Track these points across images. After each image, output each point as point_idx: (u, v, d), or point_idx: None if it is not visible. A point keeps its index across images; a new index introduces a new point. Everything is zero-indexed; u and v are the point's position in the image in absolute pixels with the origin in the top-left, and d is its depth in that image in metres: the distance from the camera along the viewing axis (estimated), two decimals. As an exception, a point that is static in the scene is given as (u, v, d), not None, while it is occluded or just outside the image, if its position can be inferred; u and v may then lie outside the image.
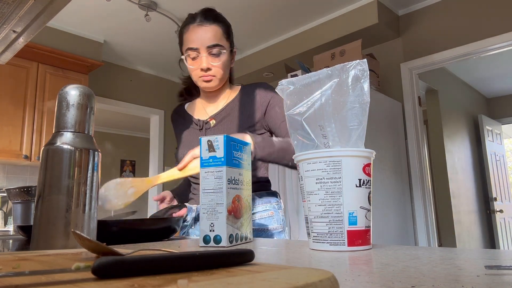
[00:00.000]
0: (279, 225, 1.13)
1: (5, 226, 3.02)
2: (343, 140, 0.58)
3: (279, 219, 1.14)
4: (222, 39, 1.14)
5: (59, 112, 0.62)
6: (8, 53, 1.06)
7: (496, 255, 0.45)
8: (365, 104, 0.57)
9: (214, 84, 1.17)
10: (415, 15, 3.30)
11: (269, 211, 1.13)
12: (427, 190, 3.13)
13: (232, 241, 0.65)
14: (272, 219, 1.13)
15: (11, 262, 0.35)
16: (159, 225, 0.81)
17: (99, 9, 3.29)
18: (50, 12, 0.82)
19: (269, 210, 1.14)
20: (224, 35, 1.15)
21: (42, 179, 0.59)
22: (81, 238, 0.36)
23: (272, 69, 4.03)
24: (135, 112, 4.50)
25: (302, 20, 3.54)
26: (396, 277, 0.33)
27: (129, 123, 6.75)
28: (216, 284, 0.22)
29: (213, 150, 0.67)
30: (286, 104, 0.63)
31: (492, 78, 4.94)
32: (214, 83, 1.17)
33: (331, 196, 0.55)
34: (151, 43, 3.87)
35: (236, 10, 3.33)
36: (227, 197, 0.65)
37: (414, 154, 3.16)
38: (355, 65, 0.58)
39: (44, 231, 0.57)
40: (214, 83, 1.16)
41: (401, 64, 3.29)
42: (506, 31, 2.80)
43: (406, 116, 3.23)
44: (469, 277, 0.31)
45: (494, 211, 4.65)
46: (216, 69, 1.14)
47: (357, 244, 0.54)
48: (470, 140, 4.79)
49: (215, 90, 1.21)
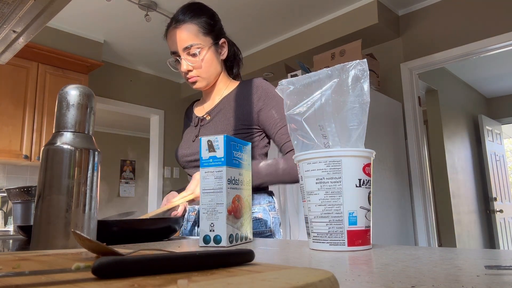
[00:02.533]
0: (267, 228, 1.06)
1: (5, 226, 3.02)
2: (343, 140, 0.58)
3: (268, 223, 1.07)
4: (198, 36, 1.10)
5: (59, 112, 0.62)
6: (8, 53, 1.06)
7: (496, 255, 0.45)
8: (365, 104, 0.57)
9: (202, 84, 1.15)
10: (415, 15, 3.30)
11: (258, 214, 1.07)
12: (427, 190, 3.13)
13: (232, 241, 0.65)
14: (260, 222, 1.06)
15: (11, 262, 0.35)
16: (159, 225, 0.81)
17: (99, 9, 3.29)
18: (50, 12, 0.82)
19: (258, 212, 1.07)
20: (200, 30, 1.10)
21: (42, 179, 0.59)
22: (81, 238, 0.36)
23: (272, 69, 4.03)
24: (135, 112, 4.50)
25: (302, 20, 3.54)
26: (396, 277, 0.33)
27: (129, 123, 6.75)
28: (216, 284, 0.22)
29: (213, 150, 0.67)
30: (286, 104, 0.63)
31: (492, 78, 4.94)
32: (201, 83, 1.15)
33: (331, 196, 0.55)
34: (151, 43, 3.87)
35: (236, 10, 3.33)
36: (227, 197, 0.65)
37: (414, 154, 3.16)
38: (355, 65, 0.58)
39: (44, 231, 0.57)
40: (201, 83, 1.15)
41: (401, 64, 3.29)
42: (506, 31, 2.80)
43: (406, 116, 3.23)
44: (469, 277, 0.31)
45: (494, 211, 4.65)
46: (197, 69, 1.12)
47: (357, 244, 0.54)
48: (470, 140, 4.79)
49: (210, 86, 1.19)
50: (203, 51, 1.11)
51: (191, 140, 1.18)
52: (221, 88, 1.20)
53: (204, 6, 1.16)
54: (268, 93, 1.11)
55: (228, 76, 1.24)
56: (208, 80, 1.15)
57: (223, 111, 1.14)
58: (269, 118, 1.09)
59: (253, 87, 1.13)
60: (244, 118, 1.10)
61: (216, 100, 1.19)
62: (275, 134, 1.09)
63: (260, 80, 1.14)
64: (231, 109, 1.13)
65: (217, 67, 1.16)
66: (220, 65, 1.18)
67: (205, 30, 1.11)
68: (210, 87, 1.20)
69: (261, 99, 1.10)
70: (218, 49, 1.16)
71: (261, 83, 1.13)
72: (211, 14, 1.15)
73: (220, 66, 1.17)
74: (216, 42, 1.14)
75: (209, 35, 1.12)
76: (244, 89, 1.14)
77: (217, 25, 1.15)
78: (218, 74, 1.18)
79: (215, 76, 1.17)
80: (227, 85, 1.20)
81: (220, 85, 1.20)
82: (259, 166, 1.05)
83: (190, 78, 1.14)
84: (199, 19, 1.11)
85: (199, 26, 1.10)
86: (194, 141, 1.17)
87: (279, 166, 1.04)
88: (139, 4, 3.17)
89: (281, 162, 1.05)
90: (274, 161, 1.05)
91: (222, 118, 1.13)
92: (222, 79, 1.21)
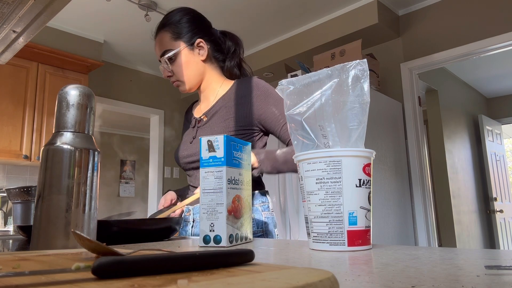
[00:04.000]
0: (258, 229, 1.05)
1: (5, 226, 3.02)
2: (343, 140, 0.58)
3: (260, 223, 1.06)
4: (170, 42, 1.13)
5: (59, 112, 0.62)
6: (8, 53, 1.06)
7: (496, 255, 0.45)
8: (365, 104, 0.57)
9: (184, 87, 1.17)
10: (415, 15, 3.30)
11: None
12: (427, 190, 3.13)
13: (232, 241, 0.65)
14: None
15: (11, 262, 0.35)
16: (159, 225, 0.81)
17: (99, 9, 3.29)
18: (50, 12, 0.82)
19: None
20: (172, 36, 1.13)
21: (42, 179, 0.59)
22: (81, 238, 0.36)
23: (272, 69, 4.03)
24: (135, 112, 4.50)
25: (302, 20, 3.54)
26: (396, 277, 0.33)
27: (129, 123, 6.75)
28: (216, 284, 0.22)
29: (213, 150, 0.67)
30: (286, 104, 0.63)
31: (492, 78, 4.94)
32: (183, 87, 1.17)
33: (331, 196, 0.55)
34: (151, 43, 3.85)
35: (236, 10, 3.33)
36: (227, 197, 0.65)
37: (414, 154, 3.16)
38: (355, 65, 0.58)
39: (44, 231, 0.57)
40: (184, 86, 1.17)
41: (401, 64, 3.29)
42: (506, 31, 2.80)
43: (406, 116, 3.23)
44: (469, 277, 0.31)
45: (494, 211, 4.65)
46: (176, 74, 1.15)
47: (357, 244, 0.54)
48: (470, 140, 4.79)
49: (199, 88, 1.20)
50: (177, 56, 1.13)
51: (189, 142, 1.18)
52: (215, 88, 1.19)
53: (179, 10, 1.16)
54: (266, 91, 1.10)
55: (221, 74, 1.21)
56: (189, 83, 1.16)
57: (220, 112, 1.13)
58: (270, 116, 1.08)
59: (249, 87, 1.11)
60: (242, 119, 1.09)
61: (211, 100, 1.18)
62: (280, 131, 1.08)
63: (256, 79, 1.13)
64: (228, 110, 1.11)
65: (195, 68, 1.15)
66: (201, 65, 1.16)
67: (176, 35, 1.13)
68: (202, 88, 1.19)
69: (259, 99, 1.09)
70: (195, 50, 1.15)
71: (258, 82, 1.11)
72: (185, 17, 1.15)
73: (201, 66, 1.16)
74: (190, 43, 1.14)
75: (181, 39, 1.13)
76: (241, 89, 1.13)
77: (192, 27, 1.15)
78: (201, 74, 1.17)
79: (197, 78, 1.16)
80: (221, 84, 1.19)
81: (212, 84, 1.19)
82: (276, 153, 1.03)
83: (173, 83, 1.18)
84: (170, 25, 1.14)
85: (171, 32, 1.14)
86: (192, 143, 1.16)
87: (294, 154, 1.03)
88: (139, 4, 3.17)
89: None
90: (289, 148, 1.04)
91: (219, 119, 1.12)
92: (213, 78, 1.19)
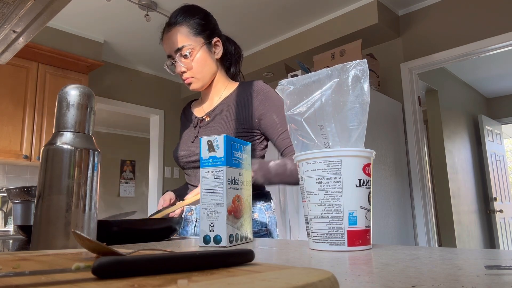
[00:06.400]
0: (263, 228, 1.08)
1: (5, 226, 3.02)
2: (343, 140, 0.58)
3: (263, 222, 1.09)
4: (189, 37, 1.11)
5: (59, 112, 0.62)
6: (8, 53, 1.06)
7: (496, 255, 0.45)
8: (365, 104, 0.57)
9: (198, 85, 1.15)
10: (415, 15, 3.30)
11: (253, 213, 1.08)
12: (427, 190, 3.13)
13: (232, 241, 0.65)
14: (255, 222, 1.07)
15: (11, 262, 0.35)
16: (159, 225, 0.81)
17: (99, 9, 3.29)
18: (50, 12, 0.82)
19: (253, 212, 1.08)
20: (191, 31, 1.11)
21: (42, 179, 0.59)
22: (81, 238, 0.36)
23: (272, 69, 4.03)
24: (135, 112, 4.50)
25: (302, 20, 3.54)
26: (396, 277, 0.33)
27: (129, 123, 6.75)
28: (216, 284, 0.22)
29: (213, 150, 0.67)
30: (286, 104, 0.63)
31: (492, 78, 4.94)
32: (197, 84, 1.15)
33: (331, 196, 0.55)
34: (151, 43, 3.87)
35: (237, 10, 3.33)
36: (227, 197, 0.65)
37: (414, 154, 3.16)
38: (355, 65, 0.58)
39: (44, 231, 0.57)
40: (196, 84, 1.15)
41: (401, 64, 3.29)
42: (506, 31, 2.80)
43: (406, 116, 3.23)
44: (469, 277, 0.31)
45: (494, 211, 4.65)
46: (191, 70, 1.13)
47: (357, 244, 0.54)
48: (470, 140, 4.79)
49: (207, 87, 1.19)
50: (194, 52, 1.12)
51: (190, 141, 1.18)
52: (219, 89, 1.20)
53: (195, 7, 1.16)
54: (269, 97, 1.11)
55: (227, 76, 1.23)
56: (203, 81, 1.15)
57: (223, 113, 1.14)
58: (270, 123, 1.10)
59: (253, 90, 1.13)
60: (244, 121, 1.11)
61: (215, 101, 1.19)
62: (276, 139, 1.10)
63: (260, 83, 1.14)
64: (231, 112, 1.12)
65: (211, 67, 1.16)
66: (216, 64, 1.17)
67: (196, 31, 1.12)
68: (208, 88, 1.20)
69: (261, 104, 1.10)
70: (212, 49, 1.15)
71: (261, 87, 1.13)
72: (203, 14, 1.15)
73: (215, 66, 1.17)
74: (208, 41, 1.14)
75: (200, 35, 1.13)
76: (244, 92, 1.14)
77: (209, 25, 1.15)
78: (214, 73, 1.18)
79: (210, 76, 1.17)
80: (226, 86, 1.20)
81: (218, 85, 1.20)
82: (269, 165, 1.03)
83: (186, 80, 1.15)
84: (189, 20, 1.12)
85: (190, 27, 1.12)
86: (193, 142, 1.17)
87: (287, 166, 1.03)
88: (139, 4, 3.17)
89: (288, 162, 1.04)
90: (282, 161, 1.04)
91: (222, 120, 1.13)
92: (220, 79, 1.20)
